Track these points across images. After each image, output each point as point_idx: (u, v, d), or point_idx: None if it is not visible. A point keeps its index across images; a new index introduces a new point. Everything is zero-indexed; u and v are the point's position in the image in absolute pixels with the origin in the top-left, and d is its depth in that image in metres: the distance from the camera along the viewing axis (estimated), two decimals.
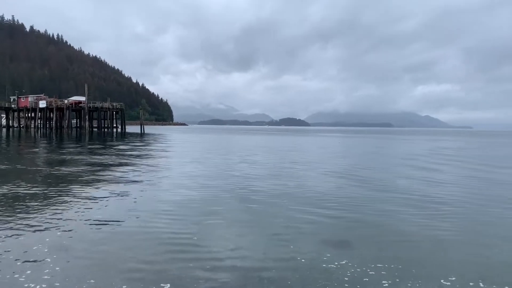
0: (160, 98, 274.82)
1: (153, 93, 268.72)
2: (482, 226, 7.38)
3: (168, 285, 4.52)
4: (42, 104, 64.75)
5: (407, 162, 20.57)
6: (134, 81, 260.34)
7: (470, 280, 4.76)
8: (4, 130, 66.99)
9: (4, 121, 73.99)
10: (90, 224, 7.04)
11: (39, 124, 67.08)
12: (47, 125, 66.36)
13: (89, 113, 65.84)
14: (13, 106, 71.03)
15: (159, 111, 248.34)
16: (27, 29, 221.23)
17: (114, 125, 71.86)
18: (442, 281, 4.73)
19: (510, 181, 14.02)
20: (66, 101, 65.88)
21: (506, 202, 9.84)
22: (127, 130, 74.37)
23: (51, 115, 65.76)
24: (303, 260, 5.34)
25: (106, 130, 69.00)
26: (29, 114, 69.58)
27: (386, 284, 4.62)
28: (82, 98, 66.94)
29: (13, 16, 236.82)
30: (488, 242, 6.39)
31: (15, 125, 74.42)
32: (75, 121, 70.99)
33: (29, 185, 11.14)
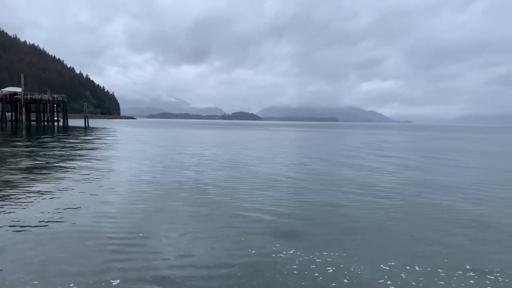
0: (106, 90, 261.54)
1: (98, 85, 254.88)
2: (417, 212, 7.96)
3: (118, 281, 4.38)
4: None
5: (345, 156, 21.58)
6: (78, 72, 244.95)
7: (407, 264, 5.13)
8: None
9: None
10: (29, 226, 6.57)
11: None
12: None
13: (26, 105, 61.07)
14: None
15: (105, 104, 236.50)
16: None
17: (56, 118, 67.33)
18: (382, 265, 5.06)
19: (432, 169, 15.26)
20: None
21: (435, 188, 10.71)
22: (69, 124, 70.16)
23: None
24: (253, 252, 5.43)
25: (46, 123, 64.47)
26: None
27: (331, 270, 4.84)
28: (18, 89, 61.79)
29: None
30: (424, 227, 6.91)
31: None
32: (10, 114, 65.48)
33: None
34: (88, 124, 66.73)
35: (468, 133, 78.58)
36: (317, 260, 5.17)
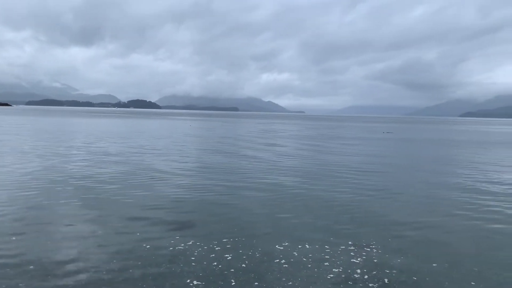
0: None
1: None
2: (304, 197, 8.63)
3: None
4: None
5: (238, 145, 22.34)
6: None
7: (298, 243, 5.50)
8: None
9: None
10: None
11: None
12: None
13: None
14: None
15: None
16: None
17: None
18: (276, 246, 5.34)
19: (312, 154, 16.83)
20: None
21: (318, 174, 11.77)
22: None
23: None
24: (148, 247, 5.19)
25: None
26: None
27: (229, 258, 4.91)
28: None
29: None
30: (310, 209, 7.52)
31: None
32: None
33: None
34: None
35: (349, 122, 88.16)
36: (216, 248, 5.20)
